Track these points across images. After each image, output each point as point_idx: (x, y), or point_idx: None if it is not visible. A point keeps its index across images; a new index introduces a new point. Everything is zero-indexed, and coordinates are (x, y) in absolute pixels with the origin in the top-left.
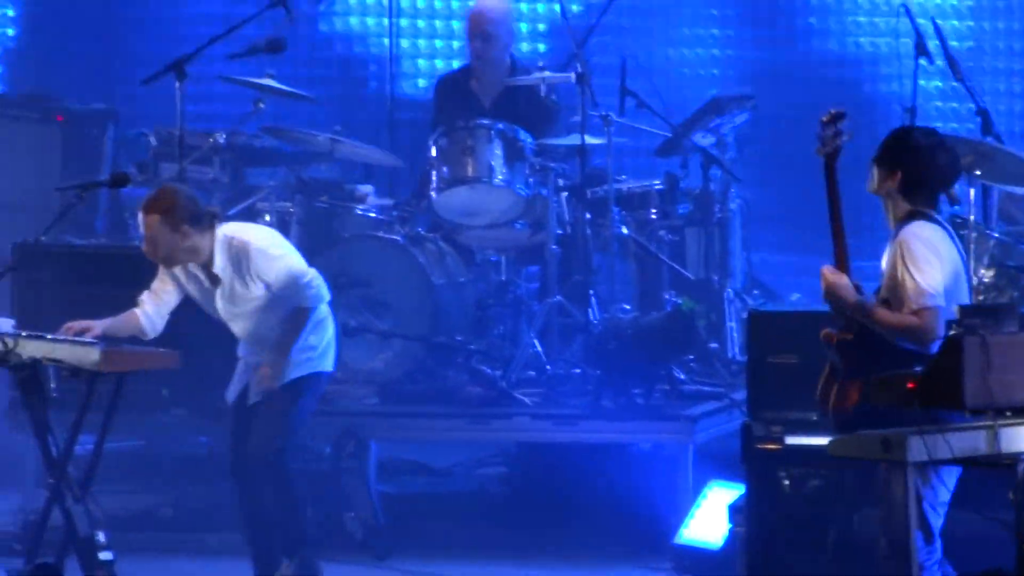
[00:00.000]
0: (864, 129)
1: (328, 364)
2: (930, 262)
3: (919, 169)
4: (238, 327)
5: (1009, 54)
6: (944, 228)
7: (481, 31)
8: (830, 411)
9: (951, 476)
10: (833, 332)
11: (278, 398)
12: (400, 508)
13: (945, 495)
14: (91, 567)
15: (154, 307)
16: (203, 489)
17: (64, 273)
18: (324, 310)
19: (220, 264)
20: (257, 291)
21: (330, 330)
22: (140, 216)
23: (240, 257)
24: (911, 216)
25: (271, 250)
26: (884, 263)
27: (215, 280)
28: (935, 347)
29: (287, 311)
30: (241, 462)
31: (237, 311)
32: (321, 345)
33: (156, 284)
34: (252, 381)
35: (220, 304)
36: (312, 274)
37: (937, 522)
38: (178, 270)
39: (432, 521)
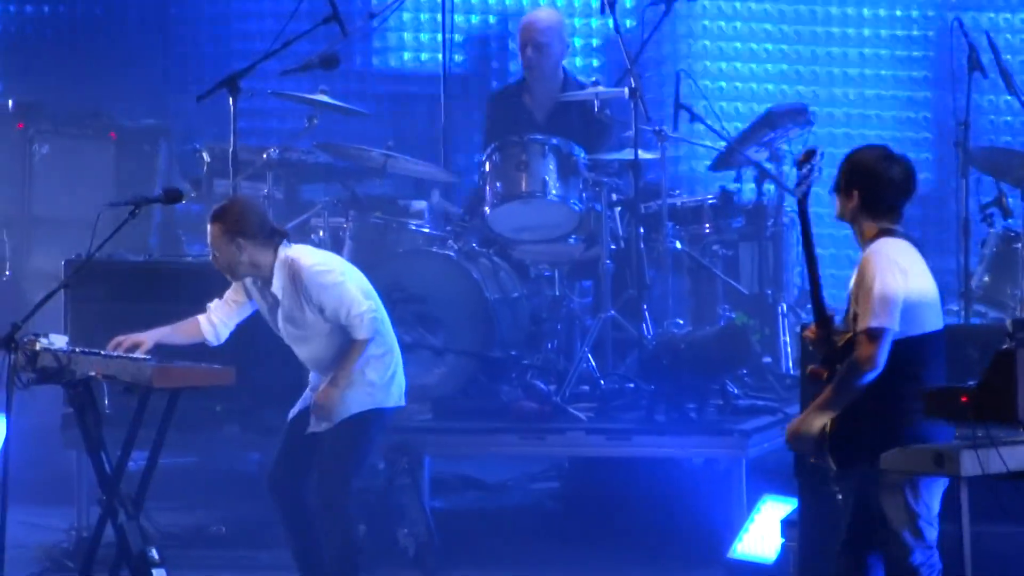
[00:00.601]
0: (921, 144)
1: (392, 399)
2: (893, 279)
3: (873, 186)
4: (300, 351)
5: None
6: (912, 243)
7: (532, 41)
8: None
9: (937, 490)
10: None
11: (342, 434)
12: (453, 524)
13: (935, 509)
14: None
15: (222, 315)
16: (255, 506)
17: (117, 289)
18: (388, 343)
19: (278, 284)
20: (312, 316)
21: (394, 365)
22: (208, 227)
23: (295, 280)
24: (878, 235)
25: (325, 277)
26: (851, 284)
27: (276, 300)
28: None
29: (346, 340)
30: (283, 481)
31: (298, 334)
32: (382, 380)
33: (229, 293)
34: (313, 406)
35: (281, 325)
36: (368, 305)
37: (933, 534)
38: (250, 283)
39: (485, 537)
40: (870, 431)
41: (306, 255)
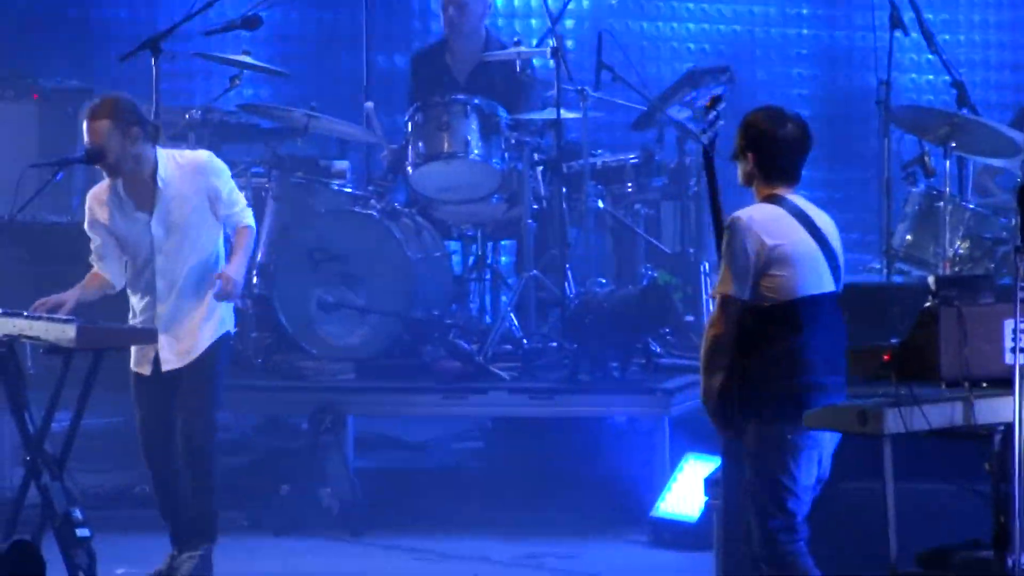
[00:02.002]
0: (840, 103)
1: (232, 322)
2: (743, 250)
3: (766, 148)
4: (161, 268)
5: (984, 26)
6: (794, 207)
7: (454, 8)
8: None
9: (811, 463)
10: None
11: (199, 368)
12: (377, 483)
13: (806, 480)
14: (68, 544)
15: (104, 263)
16: None
17: (40, 251)
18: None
19: (164, 174)
20: (196, 208)
21: None
22: (86, 125)
23: (192, 169)
24: (764, 200)
25: (220, 163)
26: None
27: (148, 202)
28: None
29: (216, 249)
30: (158, 440)
31: (170, 240)
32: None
33: (93, 244)
34: (164, 345)
35: (154, 229)
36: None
37: (797, 504)
38: (102, 215)
39: (409, 496)
40: (744, 397)
41: (192, 151)
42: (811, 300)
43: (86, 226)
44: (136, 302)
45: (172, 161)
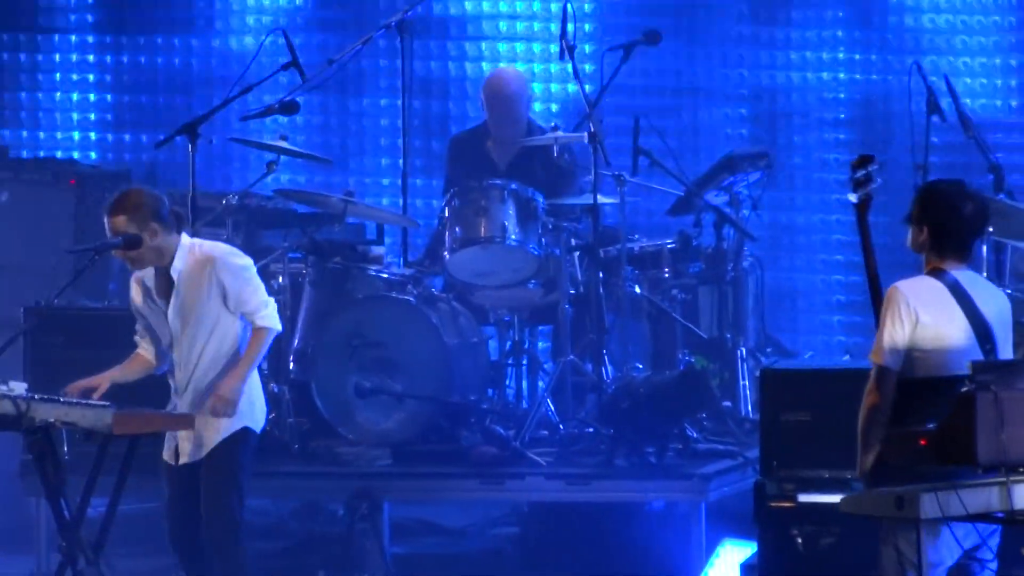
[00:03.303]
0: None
1: (259, 421)
2: (899, 321)
3: (943, 222)
4: (178, 356)
5: (1021, 110)
6: (955, 284)
7: (500, 108)
8: None
9: (942, 538)
10: None
11: (216, 464)
12: (413, 569)
13: (939, 558)
14: None
15: (146, 343)
16: None
17: (77, 336)
18: None
19: (179, 266)
20: (207, 304)
21: (259, 383)
22: (106, 221)
23: (205, 262)
24: (929, 273)
25: (238, 259)
26: None
27: (168, 290)
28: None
29: (236, 337)
30: (181, 531)
31: (185, 333)
32: (250, 395)
33: (137, 326)
34: (184, 436)
35: (171, 318)
36: (272, 300)
37: None
38: (137, 297)
39: None
40: (896, 466)
41: (214, 242)
42: (954, 380)
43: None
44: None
45: (190, 252)
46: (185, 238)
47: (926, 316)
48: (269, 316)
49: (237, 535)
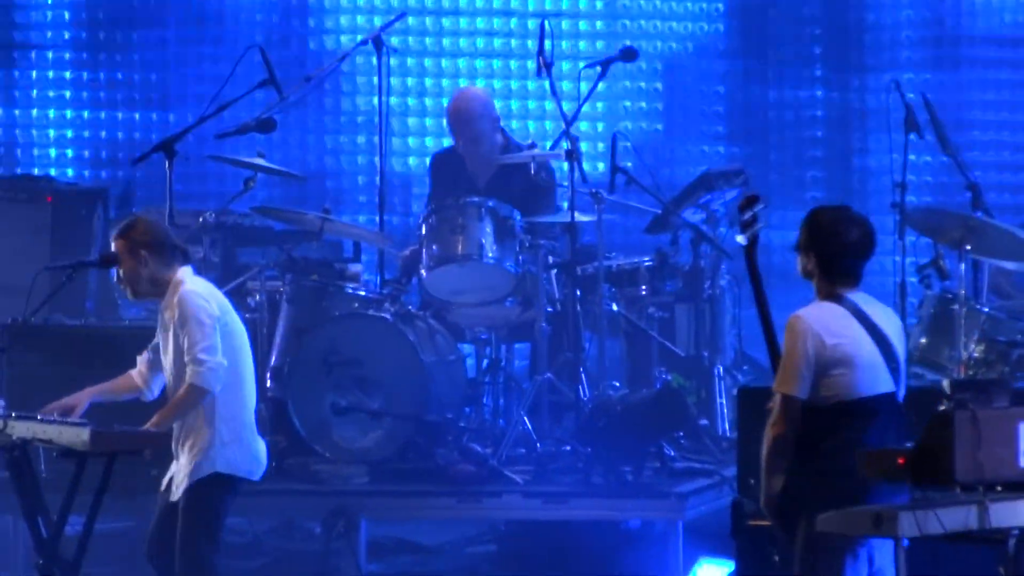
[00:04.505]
0: (856, 205)
1: (243, 468)
2: (805, 349)
3: (830, 248)
4: (169, 392)
5: (998, 126)
6: (855, 307)
7: (464, 131)
8: None
9: (860, 561)
10: None
11: (193, 502)
12: None
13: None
14: None
15: (144, 366)
16: None
17: (54, 353)
18: (237, 411)
19: (165, 302)
20: (176, 343)
21: (245, 434)
22: (112, 244)
23: (177, 300)
24: (825, 299)
25: (196, 307)
26: None
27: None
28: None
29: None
30: (159, 555)
31: (169, 370)
32: (232, 442)
33: (150, 346)
34: (173, 471)
35: (162, 355)
36: (218, 361)
37: None
38: (159, 326)
39: None
40: (807, 493)
41: (194, 280)
42: (867, 401)
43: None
44: None
45: (173, 289)
46: (179, 273)
47: (832, 340)
48: (201, 374)
49: (203, 572)
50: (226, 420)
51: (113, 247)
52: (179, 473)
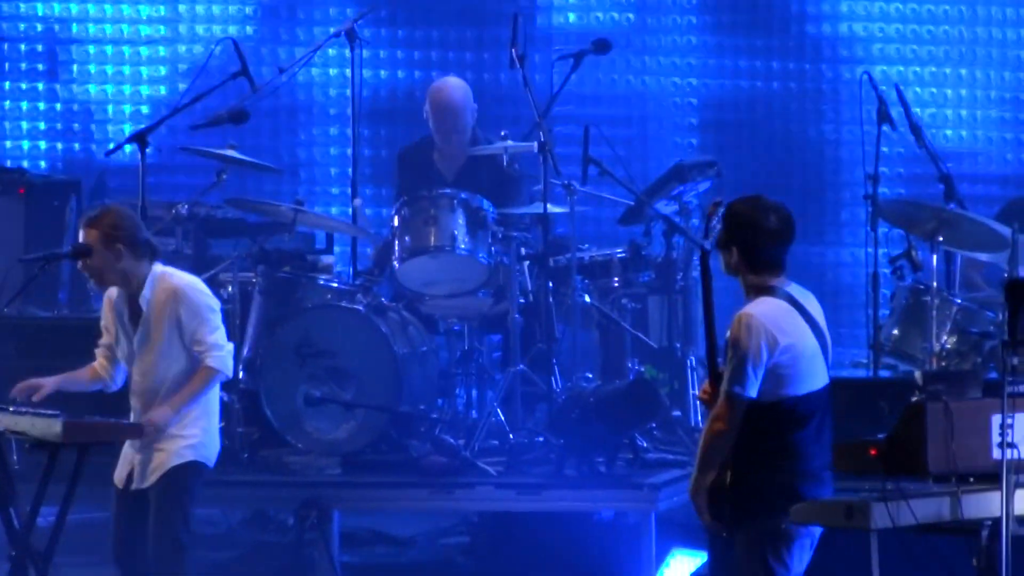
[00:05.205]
0: (829, 197)
1: (212, 457)
2: (759, 348)
3: (751, 239)
4: (138, 381)
5: (972, 122)
6: (791, 299)
7: (444, 118)
8: None
9: (803, 551)
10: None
11: (165, 490)
12: None
13: (798, 569)
14: None
15: (106, 360)
16: None
17: (26, 345)
18: (213, 401)
19: (147, 295)
20: (166, 337)
21: (215, 423)
22: (80, 232)
23: (168, 294)
24: (757, 292)
25: (201, 296)
26: (727, 336)
27: (136, 317)
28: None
29: (187, 368)
30: (125, 552)
31: (146, 361)
32: (207, 432)
33: (101, 339)
34: (137, 461)
35: (136, 347)
36: (230, 347)
37: None
38: (108, 315)
39: None
40: (741, 490)
41: (179, 272)
42: (810, 396)
43: (102, 321)
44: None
45: (159, 281)
46: (157, 267)
47: (785, 340)
48: (220, 359)
49: (182, 559)
50: (210, 413)
51: (85, 236)
52: (150, 461)
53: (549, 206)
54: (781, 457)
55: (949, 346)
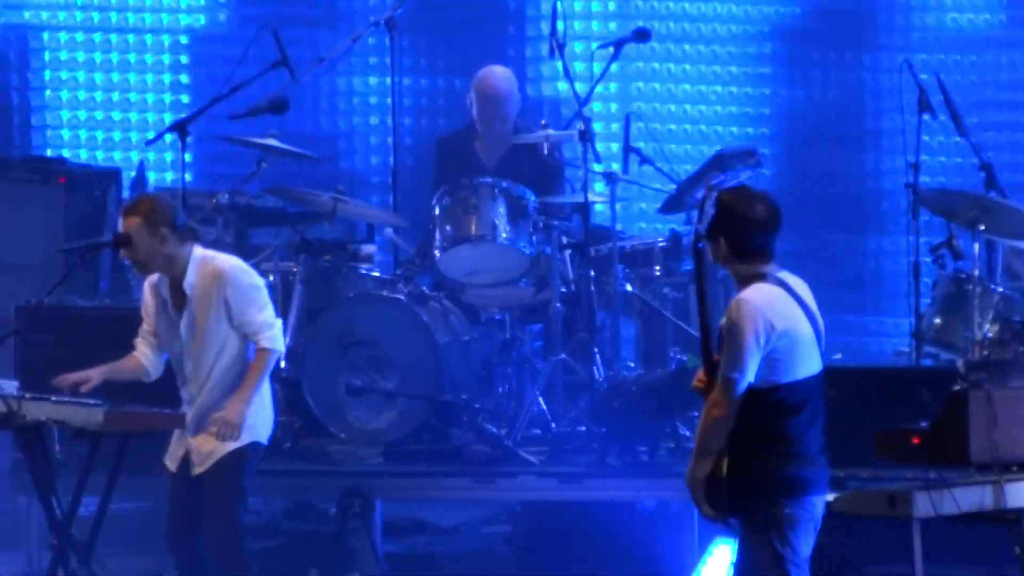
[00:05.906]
0: (870, 186)
1: (266, 434)
2: (758, 334)
3: (738, 229)
4: (188, 366)
5: (1012, 106)
6: (784, 285)
7: (490, 107)
8: None
9: (808, 535)
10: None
11: (221, 475)
12: (405, 568)
13: (805, 552)
14: None
15: (146, 348)
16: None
17: (68, 335)
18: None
19: (191, 279)
20: (215, 320)
21: (270, 400)
22: (120, 221)
23: (214, 276)
24: (749, 280)
25: (247, 276)
26: (721, 323)
27: (181, 303)
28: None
29: (243, 354)
30: (180, 536)
31: (195, 347)
32: (261, 412)
33: (143, 327)
34: (192, 447)
35: (183, 333)
36: (279, 322)
37: None
38: (150, 304)
39: None
40: (740, 478)
41: (227, 257)
42: (806, 382)
43: (143, 311)
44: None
45: (201, 265)
46: (198, 250)
47: (780, 323)
48: (273, 338)
49: (239, 541)
50: (260, 391)
51: (125, 225)
52: (205, 445)
53: (590, 195)
54: (777, 443)
55: (991, 335)
